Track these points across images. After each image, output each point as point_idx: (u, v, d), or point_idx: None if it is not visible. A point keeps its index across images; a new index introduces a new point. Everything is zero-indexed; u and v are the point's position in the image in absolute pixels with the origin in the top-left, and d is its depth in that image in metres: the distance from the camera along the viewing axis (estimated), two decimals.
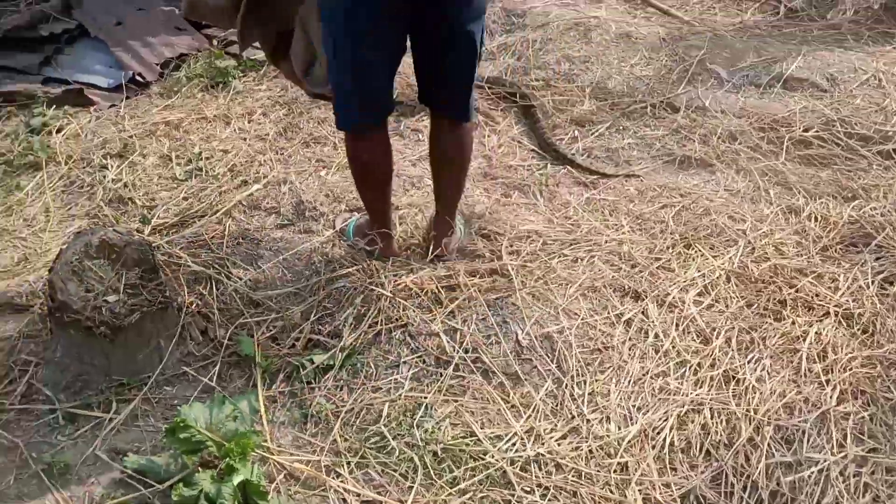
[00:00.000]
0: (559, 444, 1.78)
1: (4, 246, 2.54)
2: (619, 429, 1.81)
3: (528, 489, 1.70)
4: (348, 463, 1.76)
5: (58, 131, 3.11)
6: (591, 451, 1.77)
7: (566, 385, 1.91)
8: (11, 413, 1.88)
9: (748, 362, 1.97)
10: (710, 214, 2.48)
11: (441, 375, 1.95)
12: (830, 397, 1.87)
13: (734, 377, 1.94)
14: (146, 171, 2.81)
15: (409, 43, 2.05)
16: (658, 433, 1.80)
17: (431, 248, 2.29)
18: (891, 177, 2.68)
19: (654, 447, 1.78)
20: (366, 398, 1.90)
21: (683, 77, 3.20)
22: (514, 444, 1.78)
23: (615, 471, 1.73)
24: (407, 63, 2.12)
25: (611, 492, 1.69)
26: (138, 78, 3.58)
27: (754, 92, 3.10)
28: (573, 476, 1.72)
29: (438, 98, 2.17)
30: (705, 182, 2.69)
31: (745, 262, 2.26)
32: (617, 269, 2.28)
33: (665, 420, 1.83)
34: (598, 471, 1.73)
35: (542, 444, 1.78)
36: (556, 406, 1.88)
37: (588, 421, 1.83)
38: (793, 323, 2.04)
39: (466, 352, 2.00)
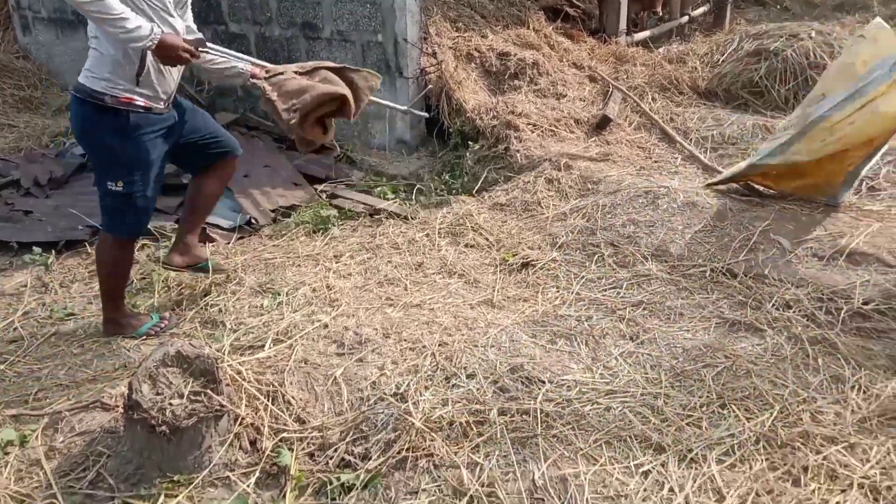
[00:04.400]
0: None
1: (111, 354, 2.95)
2: None
3: None
4: None
5: None
6: None
7: None
8: (78, 497, 2.15)
9: None
10: (752, 377, 2.49)
11: None
12: None
13: None
14: (240, 299, 3.20)
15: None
16: None
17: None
18: None
19: None
20: None
21: (745, 245, 3.28)
22: None
23: None
24: None
25: None
26: (253, 221, 4.12)
27: (816, 263, 3.10)
28: None
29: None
30: (753, 346, 2.70)
31: (776, 426, 2.25)
32: (646, 421, 2.33)
33: None
34: None
35: None
36: None
37: None
38: (813, 491, 1.99)
39: (483, 486, 2.10)
